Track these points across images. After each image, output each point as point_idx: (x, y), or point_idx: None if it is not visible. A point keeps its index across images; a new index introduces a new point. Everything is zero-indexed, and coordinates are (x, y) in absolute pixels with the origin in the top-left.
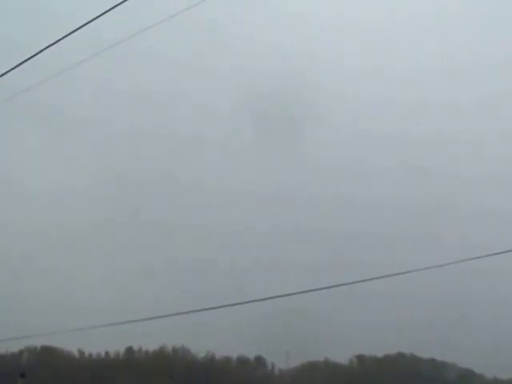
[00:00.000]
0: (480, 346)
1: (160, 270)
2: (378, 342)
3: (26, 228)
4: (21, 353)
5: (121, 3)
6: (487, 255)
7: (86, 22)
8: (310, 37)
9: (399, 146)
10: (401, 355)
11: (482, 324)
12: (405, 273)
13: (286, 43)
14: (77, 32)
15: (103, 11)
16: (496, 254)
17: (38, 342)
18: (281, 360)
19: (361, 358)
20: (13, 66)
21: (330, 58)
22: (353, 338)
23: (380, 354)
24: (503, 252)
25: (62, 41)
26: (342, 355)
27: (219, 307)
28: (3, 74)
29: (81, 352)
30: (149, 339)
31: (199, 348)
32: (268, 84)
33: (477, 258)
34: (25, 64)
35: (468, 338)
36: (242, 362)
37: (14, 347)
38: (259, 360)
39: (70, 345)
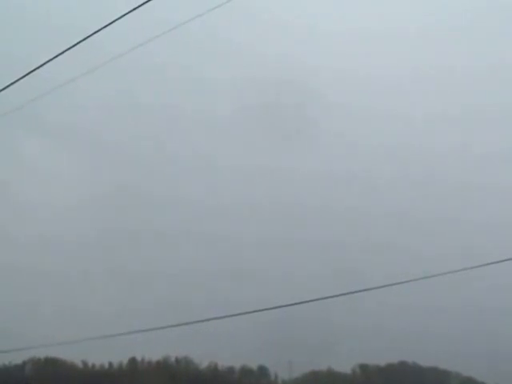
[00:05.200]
0: (482, 354)
1: (163, 281)
2: (380, 351)
3: (28, 239)
4: (24, 364)
5: (121, 17)
6: (489, 264)
7: (88, 35)
8: (312, 47)
9: (399, 156)
10: (403, 364)
11: (484, 332)
12: (406, 282)
13: (287, 53)
14: (78, 46)
15: (104, 24)
16: (498, 262)
17: (42, 353)
18: (284, 369)
19: (364, 367)
20: (15, 80)
21: (332, 68)
22: (356, 347)
23: (383, 363)
24: (504, 260)
25: (64, 54)
26: (345, 364)
27: (222, 317)
28: (5, 88)
29: (84, 363)
30: (152, 350)
31: (202, 358)
32: (268, 94)
33: (479, 266)
34: (27, 78)
35: (470, 346)
36: (245, 372)
37: (17, 358)
38: (262, 370)
39: (74, 356)
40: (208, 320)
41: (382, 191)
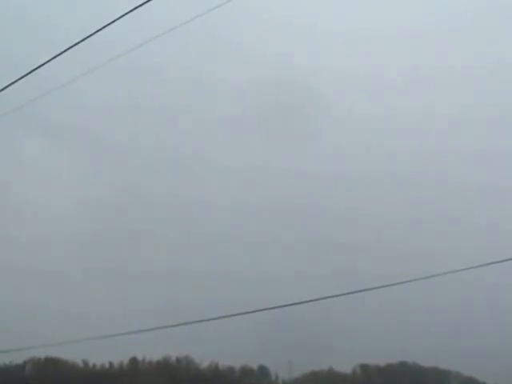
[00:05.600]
0: (483, 354)
1: (163, 280)
2: (381, 351)
3: (28, 238)
4: (25, 364)
5: (121, 17)
6: (490, 263)
7: (88, 35)
8: (312, 47)
9: (399, 156)
10: (404, 364)
11: (485, 332)
12: (406, 282)
13: (287, 53)
14: (78, 45)
15: (104, 24)
16: (498, 262)
17: (42, 353)
18: (284, 369)
19: (364, 367)
20: (15, 80)
21: (332, 68)
22: (356, 347)
23: (383, 363)
24: (505, 260)
25: (64, 53)
26: (345, 364)
27: (222, 317)
28: (5, 88)
29: (85, 363)
30: (153, 349)
31: (203, 358)
32: (268, 94)
33: (479, 266)
34: (27, 77)
35: (470, 346)
36: (246, 371)
37: (18, 358)
38: (263, 370)
39: (75, 355)
40: (208, 320)
41: (381, 191)
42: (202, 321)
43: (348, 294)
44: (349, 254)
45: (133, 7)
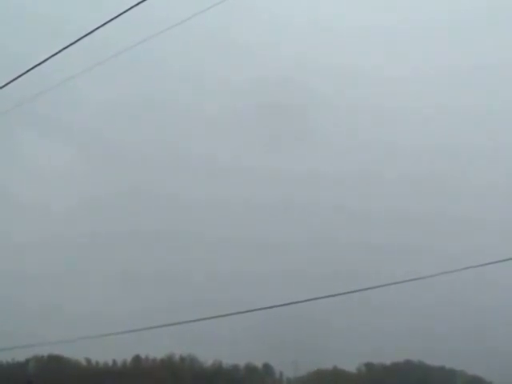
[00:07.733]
0: (488, 353)
1: (167, 279)
2: (386, 350)
3: (30, 238)
4: (28, 361)
5: (122, 13)
6: (496, 262)
7: (88, 32)
8: (313, 47)
9: (399, 156)
10: (409, 363)
11: (491, 331)
12: (412, 280)
13: (286, 52)
14: (79, 42)
15: (105, 21)
16: (497, 262)
17: (45, 351)
18: (289, 368)
19: (369, 366)
20: (15, 77)
21: (333, 69)
22: (361, 346)
23: (388, 362)
24: (505, 260)
25: (63, 51)
26: (350, 363)
27: (227, 315)
28: (6, 85)
29: (88, 360)
30: (156, 347)
31: (206, 356)
32: (269, 94)
33: (484, 264)
34: (27, 74)
35: (476, 345)
36: (250, 370)
37: (20, 356)
38: (267, 368)
39: (78, 353)
40: (212, 318)
41: (381, 191)
42: (205, 319)
43: (351, 292)
44: (352, 254)
45: (132, 5)
